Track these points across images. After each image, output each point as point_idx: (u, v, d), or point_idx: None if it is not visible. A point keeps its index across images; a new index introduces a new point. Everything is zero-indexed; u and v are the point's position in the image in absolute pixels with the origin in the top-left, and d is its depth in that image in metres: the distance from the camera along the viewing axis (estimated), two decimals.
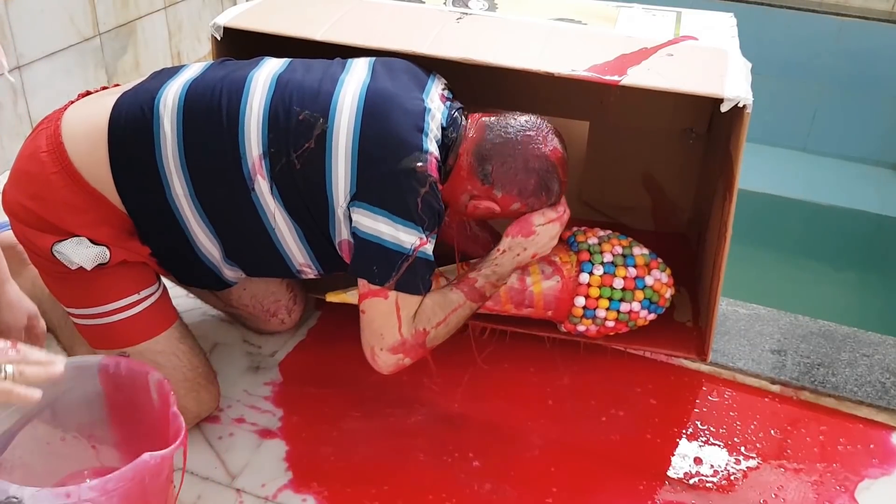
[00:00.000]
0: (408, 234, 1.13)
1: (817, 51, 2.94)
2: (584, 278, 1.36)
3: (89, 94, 1.25)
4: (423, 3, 1.58)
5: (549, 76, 1.29)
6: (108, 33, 2.23)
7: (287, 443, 1.28)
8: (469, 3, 1.59)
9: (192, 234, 1.20)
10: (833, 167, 3.01)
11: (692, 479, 1.25)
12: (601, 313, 1.38)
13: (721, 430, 1.34)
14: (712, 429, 1.34)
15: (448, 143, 1.20)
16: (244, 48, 1.40)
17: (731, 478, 1.25)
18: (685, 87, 1.27)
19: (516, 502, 1.20)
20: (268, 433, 1.30)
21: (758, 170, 2.36)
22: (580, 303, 1.37)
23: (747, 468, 1.27)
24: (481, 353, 1.46)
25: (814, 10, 2.93)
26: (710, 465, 1.27)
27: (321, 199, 1.15)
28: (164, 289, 1.27)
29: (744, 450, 1.30)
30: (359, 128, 1.12)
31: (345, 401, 1.36)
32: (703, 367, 1.47)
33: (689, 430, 1.34)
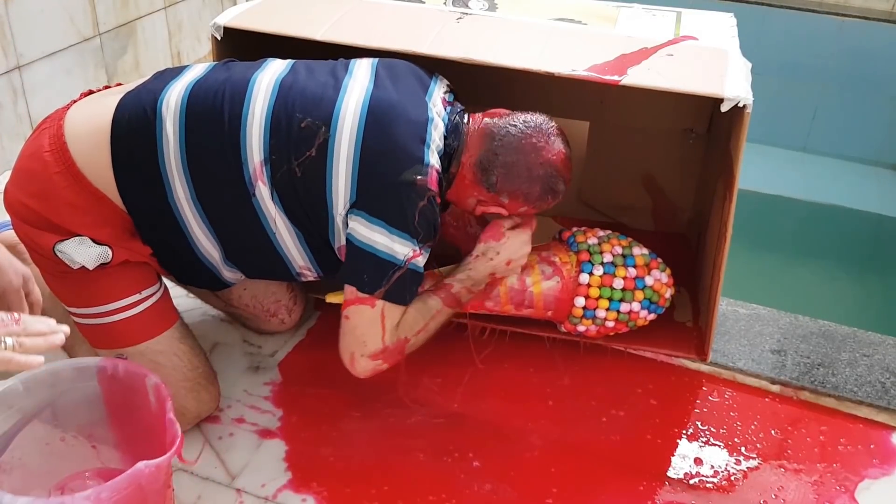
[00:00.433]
0: (402, 245, 1.14)
1: (817, 51, 2.94)
2: (584, 279, 1.36)
3: (92, 93, 1.25)
4: (424, 3, 1.58)
5: (550, 76, 1.29)
6: (108, 33, 2.23)
7: (287, 443, 1.28)
8: (469, 3, 1.59)
9: (192, 236, 1.20)
10: (833, 167, 3.01)
11: (692, 480, 1.25)
12: (601, 313, 1.38)
13: (721, 431, 1.34)
14: (712, 429, 1.34)
15: (450, 151, 1.20)
16: (244, 48, 1.40)
17: (732, 478, 1.25)
18: (685, 86, 1.27)
19: (516, 502, 1.20)
20: (268, 433, 1.30)
21: (758, 170, 2.37)
22: (580, 303, 1.37)
23: (747, 468, 1.27)
24: (481, 352, 1.46)
25: (814, 10, 2.93)
26: (711, 466, 1.27)
27: (321, 206, 1.15)
28: (166, 289, 1.27)
29: (744, 450, 1.30)
30: (361, 138, 1.12)
31: (344, 401, 1.36)
32: (703, 368, 1.47)
33: (690, 430, 1.34)
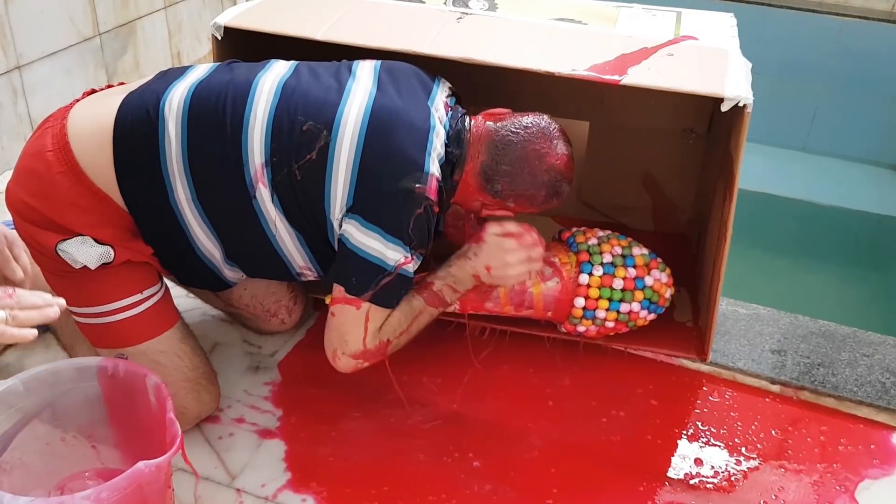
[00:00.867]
0: (394, 251, 1.14)
1: (817, 51, 2.94)
2: (584, 279, 1.36)
3: (94, 92, 1.25)
4: (424, 2, 1.58)
5: (550, 76, 1.29)
6: (108, 33, 2.23)
7: (286, 443, 1.28)
8: (469, 3, 1.59)
9: (193, 236, 1.20)
10: (833, 167, 3.01)
11: (693, 480, 1.25)
12: (601, 314, 1.38)
13: (721, 431, 1.34)
14: (713, 429, 1.34)
15: (452, 159, 1.20)
16: (245, 48, 1.40)
17: (732, 478, 1.25)
18: (686, 86, 1.27)
19: (516, 503, 1.20)
20: (267, 433, 1.30)
21: (758, 170, 2.37)
22: (580, 304, 1.37)
23: (748, 469, 1.27)
24: (481, 353, 1.46)
25: (814, 10, 2.93)
26: (711, 466, 1.27)
27: (318, 209, 1.15)
28: (167, 289, 1.27)
29: (744, 450, 1.30)
30: (362, 144, 1.12)
31: (344, 401, 1.36)
32: (703, 368, 1.47)
33: (690, 430, 1.34)
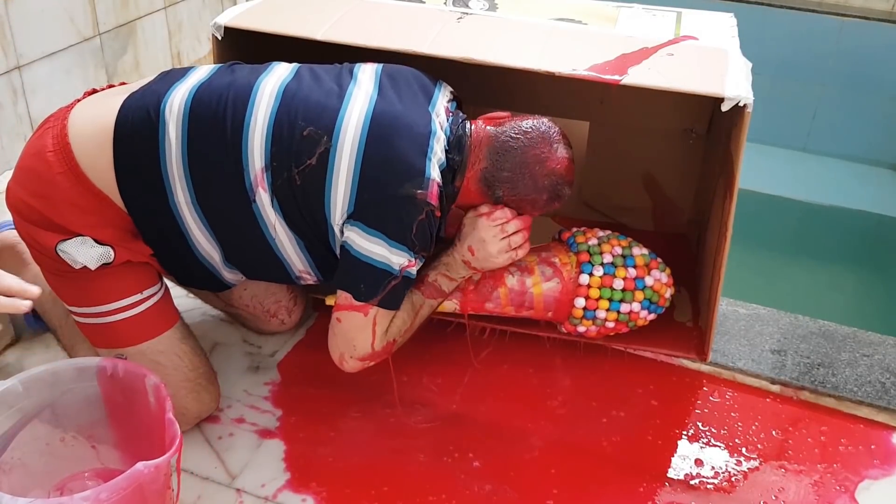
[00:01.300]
0: (399, 256, 1.15)
1: (817, 51, 2.94)
2: (584, 279, 1.36)
3: (95, 92, 1.25)
4: (424, 2, 1.58)
5: (550, 76, 1.29)
6: (108, 33, 2.23)
7: (286, 443, 1.28)
8: (469, 3, 1.59)
9: (192, 238, 1.20)
10: (833, 167, 3.01)
11: (693, 481, 1.25)
12: (601, 314, 1.38)
13: (722, 431, 1.34)
14: (713, 429, 1.34)
15: (453, 165, 1.21)
16: (245, 48, 1.40)
17: (732, 479, 1.25)
18: (686, 86, 1.27)
19: (516, 503, 1.19)
20: (267, 433, 1.30)
21: (758, 170, 2.36)
22: (580, 304, 1.37)
23: (748, 469, 1.27)
24: (481, 353, 1.46)
25: (814, 10, 2.93)
26: (711, 466, 1.27)
27: (319, 214, 1.15)
28: (167, 289, 1.27)
29: (744, 451, 1.30)
30: (362, 151, 1.12)
31: (344, 401, 1.35)
32: (703, 368, 1.47)
33: (690, 430, 1.34)
